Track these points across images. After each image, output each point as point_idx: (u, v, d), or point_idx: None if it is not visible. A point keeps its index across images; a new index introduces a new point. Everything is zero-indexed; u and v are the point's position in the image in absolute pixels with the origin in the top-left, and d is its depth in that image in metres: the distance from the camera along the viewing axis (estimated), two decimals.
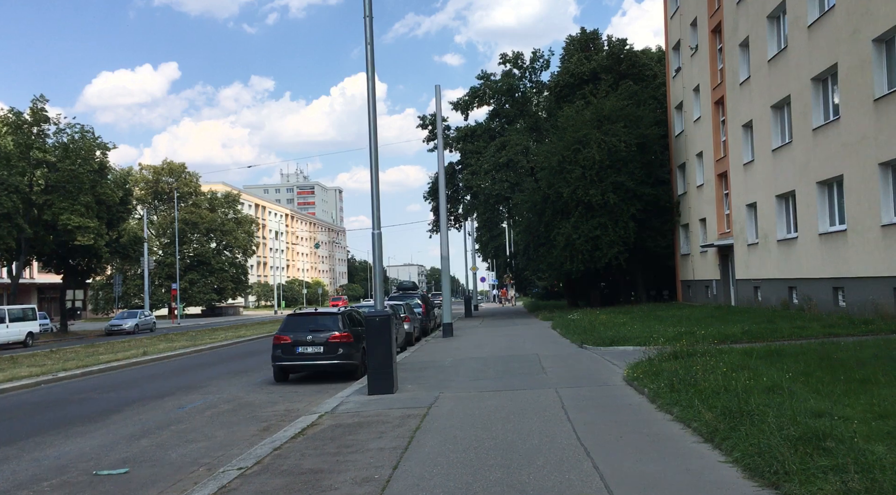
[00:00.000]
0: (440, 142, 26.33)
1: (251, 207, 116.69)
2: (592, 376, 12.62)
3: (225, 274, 79.01)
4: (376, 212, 12.48)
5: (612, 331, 19.29)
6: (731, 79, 28.43)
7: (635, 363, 12.39)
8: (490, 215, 44.13)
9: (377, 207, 12.48)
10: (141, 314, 46.21)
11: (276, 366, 15.21)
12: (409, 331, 24.03)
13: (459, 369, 14.97)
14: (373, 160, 12.47)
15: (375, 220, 12.49)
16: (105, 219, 40.02)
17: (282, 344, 15.11)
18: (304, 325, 15.35)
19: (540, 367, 14.38)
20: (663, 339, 16.30)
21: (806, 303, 21.77)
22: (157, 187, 78.12)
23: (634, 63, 40.27)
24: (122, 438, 9.76)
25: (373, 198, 12.47)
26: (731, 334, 16.06)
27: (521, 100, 43.57)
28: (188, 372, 18.24)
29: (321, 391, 13.81)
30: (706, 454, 6.43)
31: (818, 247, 21.15)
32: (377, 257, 12.47)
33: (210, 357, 22.59)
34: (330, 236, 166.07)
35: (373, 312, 12.15)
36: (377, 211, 12.49)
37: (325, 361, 14.93)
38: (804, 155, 21.81)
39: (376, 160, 12.49)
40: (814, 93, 21.22)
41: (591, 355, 16.03)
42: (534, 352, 17.36)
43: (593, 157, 33.92)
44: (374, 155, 12.46)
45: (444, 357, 17.83)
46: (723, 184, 30.69)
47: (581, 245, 33.98)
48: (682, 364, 10.81)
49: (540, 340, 21.36)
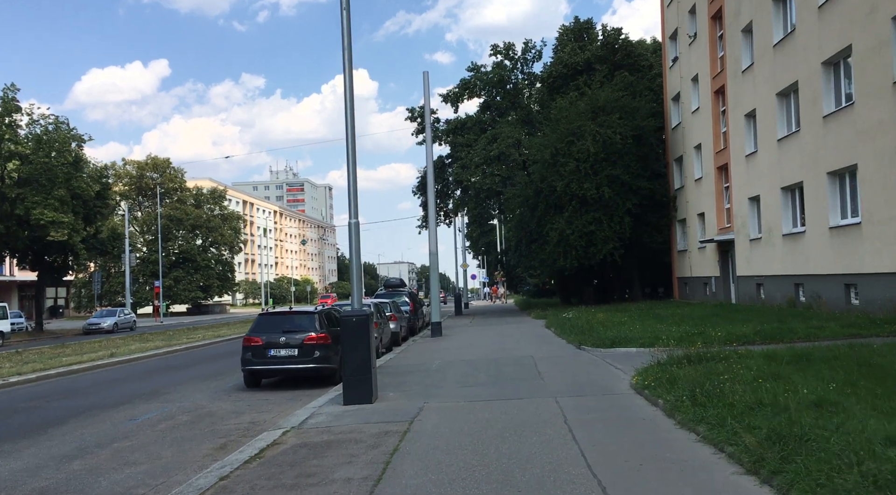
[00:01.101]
0: (428, 131, 24.97)
1: (238, 204, 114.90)
2: (595, 382, 11.33)
3: (211, 271, 77.34)
4: (353, 200, 11.13)
5: (612, 330, 18.01)
6: (732, 66, 27.20)
7: (643, 368, 11.11)
8: (480, 210, 42.78)
9: (354, 194, 11.14)
10: (120, 312, 44.57)
11: (246, 371, 13.84)
12: (396, 330, 22.75)
13: (447, 373, 13.66)
14: (349, 145, 11.14)
15: (352, 209, 11.14)
16: (81, 214, 38.39)
17: (252, 346, 13.74)
18: (277, 326, 13.98)
19: (536, 372, 13.08)
20: (671, 340, 15.04)
21: (814, 301, 20.57)
22: (140, 183, 76.30)
23: (630, 53, 38.97)
24: (52, 459, 8.38)
25: (349, 185, 11.13)
26: (743, 334, 14.80)
27: (512, 92, 42.23)
28: (154, 377, 16.83)
29: (294, 398, 12.48)
30: (753, 492, 5.13)
31: (828, 241, 19.94)
32: (354, 250, 11.13)
33: (182, 358, 21.16)
34: (319, 233, 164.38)
35: (350, 312, 10.82)
36: (354, 198, 11.15)
37: (300, 365, 13.57)
38: (813, 144, 20.58)
39: (353, 145, 11.16)
40: (824, 78, 19.99)
41: (591, 358, 14.74)
42: (528, 354, 16.06)
43: (588, 150, 32.66)
44: (350, 137, 11.12)
45: (432, 359, 16.51)
46: (723, 176, 29.47)
47: (575, 241, 32.71)
48: (701, 370, 9.53)
49: (534, 341, 20.06)
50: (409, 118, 42.05)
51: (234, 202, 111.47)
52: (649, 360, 12.51)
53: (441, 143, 42.06)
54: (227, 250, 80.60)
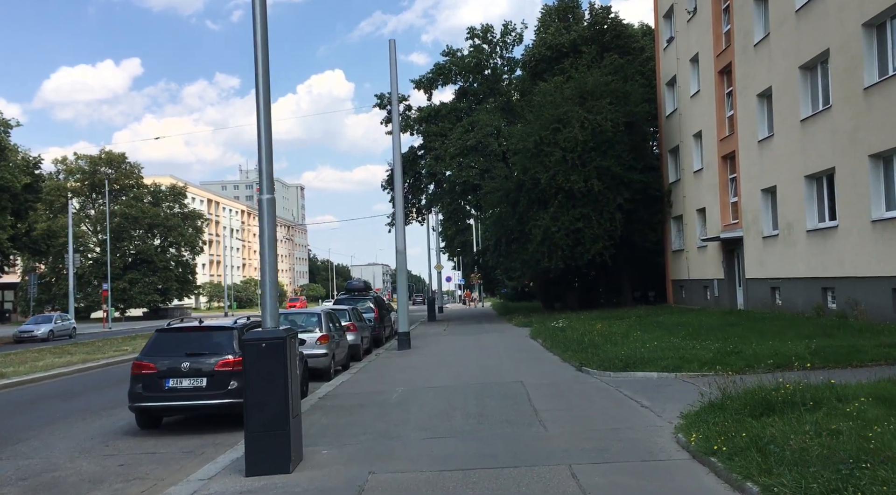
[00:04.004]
0: (395, 108, 21.35)
1: (203, 203, 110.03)
2: (620, 433, 7.83)
3: (169, 273, 72.79)
4: (266, 168, 7.54)
5: (618, 346, 14.52)
6: (741, 41, 23.98)
7: (691, 412, 7.72)
8: (456, 206, 39.21)
9: (268, 160, 7.55)
10: (57, 318, 40.24)
11: (136, 409, 10.13)
12: (355, 342, 19.17)
13: (410, 410, 10.10)
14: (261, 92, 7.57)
15: (265, 182, 7.55)
16: (9, 209, 34.21)
17: (143, 374, 10.03)
18: (179, 346, 10.28)
19: (531, 410, 9.56)
20: (700, 362, 11.64)
21: (851, 309, 17.31)
22: (94, 178, 71.55)
23: (620, 34, 35.66)
24: None
25: (260, 149, 7.55)
26: (795, 354, 11.38)
27: (491, 78, 38.81)
28: (32, 409, 13.01)
29: (194, 451, 8.89)
30: None
31: (870, 237, 16.69)
32: (268, 236, 7.52)
33: (89, 380, 17.28)
34: (289, 233, 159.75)
35: (257, 333, 7.23)
36: (268, 164, 7.55)
37: (211, 401, 9.90)
38: (851, 122, 17.34)
39: (267, 91, 7.59)
40: (866, 42, 16.74)
41: (600, 385, 11.26)
42: (516, 379, 12.53)
43: (575, 138, 29.30)
44: (262, 83, 7.55)
45: (394, 384, 12.94)
46: (728, 167, 26.24)
47: (561, 239, 29.31)
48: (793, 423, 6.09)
49: (521, 357, 16.55)
50: (378, 105, 38.40)
51: (199, 201, 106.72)
52: (678, 391, 9.19)
53: (413, 133, 38.54)
54: (187, 251, 76.13)
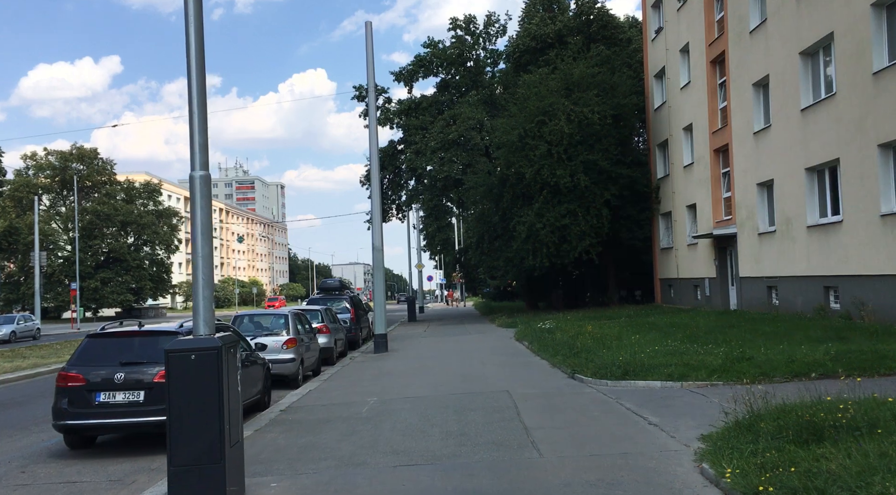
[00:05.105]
0: (371, 96, 19.98)
1: (179, 200, 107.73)
2: (630, 460, 6.55)
3: (143, 272, 70.85)
4: (200, 138, 6.17)
5: (613, 350, 13.24)
6: (735, 28, 22.87)
7: (716, 433, 6.50)
8: (437, 202, 37.86)
9: (202, 129, 6.18)
10: (20, 319, 38.41)
11: (61, 428, 8.70)
12: (328, 345, 17.91)
13: (382, 428, 8.76)
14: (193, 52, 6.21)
15: (199, 156, 6.18)
16: None
17: (69, 388, 8.63)
18: (113, 354, 8.90)
19: (521, 427, 8.26)
20: (708, 370, 10.41)
21: (857, 309, 16.21)
22: (64, 175, 69.40)
23: (606, 24, 34.46)
24: None
25: (191, 116, 6.17)
26: (814, 362, 10.19)
27: (473, 70, 37.47)
28: None
29: (122, 480, 7.49)
30: None
31: (879, 232, 15.59)
32: (201, 220, 6.16)
33: (33, 388, 15.74)
34: (268, 232, 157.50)
35: (185, 341, 5.86)
36: (202, 135, 6.18)
37: (148, 419, 8.49)
38: (857, 110, 16.24)
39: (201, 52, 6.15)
40: (875, 24, 15.64)
41: (598, 396, 9.98)
42: (503, 388, 11.22)
43: (561, 131, 28.05)
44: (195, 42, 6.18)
45: (366, 394, 11.59)
46: (721, 160, 25.15)
47: (546, 236, 28.03)
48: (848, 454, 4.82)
49: (506, 362, 15.25)
50: (357, 97, 36.90)
51: (175, 198, 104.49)
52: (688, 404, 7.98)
53: (392, 127, 37.09)
54: (162, 249, 74.15)
